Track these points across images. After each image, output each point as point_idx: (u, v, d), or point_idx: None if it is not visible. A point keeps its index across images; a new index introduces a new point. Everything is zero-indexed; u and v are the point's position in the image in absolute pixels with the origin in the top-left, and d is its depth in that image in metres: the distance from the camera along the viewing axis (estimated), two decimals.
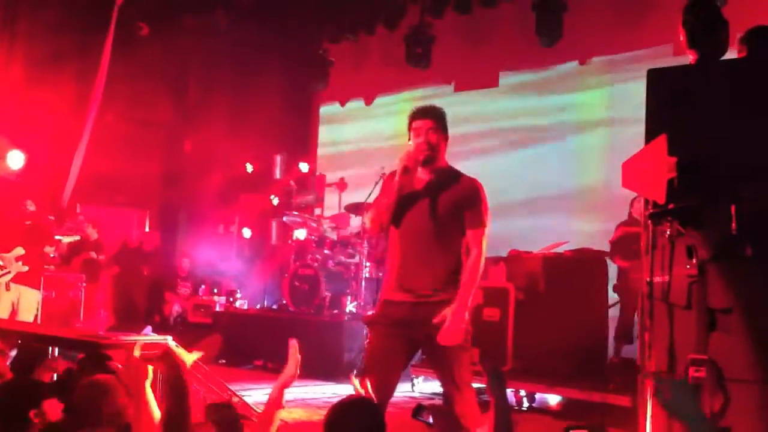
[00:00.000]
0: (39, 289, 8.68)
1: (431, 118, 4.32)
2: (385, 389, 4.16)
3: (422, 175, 4.29)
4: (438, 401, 7.29)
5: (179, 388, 3.25)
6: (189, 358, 3.57)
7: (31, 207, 8.70)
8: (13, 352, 5.58)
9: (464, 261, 4.24)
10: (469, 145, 12.01)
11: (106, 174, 12.61)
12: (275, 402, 3.57)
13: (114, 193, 13.65)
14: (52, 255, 9.07)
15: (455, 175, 4.31)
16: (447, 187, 4.22)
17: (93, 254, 11.32)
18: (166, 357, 3.39)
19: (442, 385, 4.24)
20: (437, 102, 4.60)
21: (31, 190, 9.13)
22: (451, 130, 4.40)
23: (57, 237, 9.41)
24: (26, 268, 8.37)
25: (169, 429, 3.20)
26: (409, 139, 4.35)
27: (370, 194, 10.67)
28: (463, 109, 11.85)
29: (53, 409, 3.96)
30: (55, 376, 5.21)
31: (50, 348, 6.00)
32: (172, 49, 12.77)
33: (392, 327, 4.21)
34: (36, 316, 8.68)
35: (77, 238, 10.37)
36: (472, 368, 4.25)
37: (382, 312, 4.33)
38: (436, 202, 4.17)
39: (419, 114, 4.36)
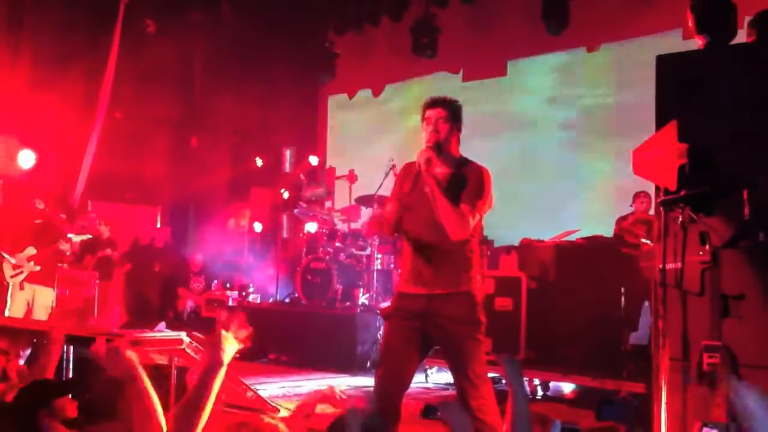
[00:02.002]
0: (53, 287, 8.72)
1: (442, 108, 4.29)
2: (401, 382, 4.20)
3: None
4: (450, 396, 7.33)
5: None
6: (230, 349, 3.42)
7: (40, 205, 8.73)
8: (28, 351, 5.61)
9: (477, 252, 4.23)
10: (479, 132, 12.01)
11: (116, 171, 12.65)
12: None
13: (124, 190, 13.69)
14: (67, 252, 9.11)
15: (465, 164, 4.28)
16: (457, 178, 4.19)
17: (108, 251, 11.37)
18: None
19: (456, 380, 4.18)
20: (446, 91, 4.59)
21: (41, 189, 9.17)
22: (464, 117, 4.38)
23: (69, 235, 9.45)
24: (38, 268, 8.41)
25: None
26: (423, 130, 4.33)
27: (380, 186, 10.67)
28: (472, 95, 11.83)
29: (66, 406, 3.97)
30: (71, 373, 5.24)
31: (65, 346, 6.03)
32: (179, 45, 12.78)
33: (407, 320, 4.20)
34: (50, 314, 8.72)
35: (89, 236, 10.41)
36: (486, 358, 4.22)
37: (397, 304, 4.32)
38: (447, 196, 4.11)
39: (431, 103, 4.33)
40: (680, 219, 3.58)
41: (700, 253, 3.52)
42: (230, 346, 3.30)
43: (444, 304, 4.12)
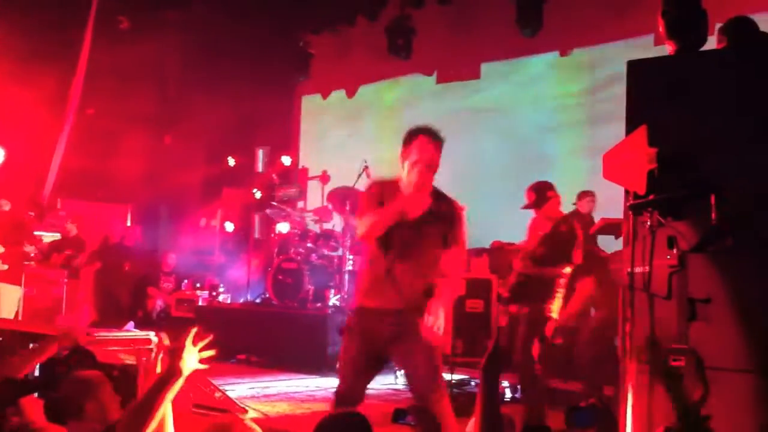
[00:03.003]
0: (20, 286, 8.63)
1: (438, 143, 4.42)
2: (356, 395, 4.34)
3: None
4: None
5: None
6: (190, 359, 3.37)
7: (6, 207, 8.64)
8: None
9: (436, 277, 4.36)
10: (452, 134, 12.04)
11: (87, 169, 12.54)
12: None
13: (95, 188, 13.58)
14: (32, 254, 9.02)
15: (442, 198, 4.46)
16: (435, 209, 4.36)
17: (70, 252, 11.26)
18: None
19: (415, 389, 4.29)
20: (420, 93, 4.65)
21: (11, 187, 9.08)
22: (436, 119, 4.43)
23: (37, 233, 9.37)
24: (5, 267, 8.31)
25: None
26: (408, 153, 4.40)
27: (353, 186, 10.67)
28: (445, 97, 11.84)
29: (33, 406, 3.93)
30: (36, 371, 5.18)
31: (31, 344, 5.96)
32: (153, 42, 12.68)
33: (366, 334, 4.33)
34: (17, 312, 8.63)
35: (58, 236, 10.31)
36: (455, 359, 4.30)
37: (356, 319, 4.43)
38: (424, 224, 4.30)
39: (427, 132, 4.43)
40: (648, 223, 3.60)
41: (668, 257, 3.54)
42: (191, 356, 3.26)
43: (404, 320, 4.27)
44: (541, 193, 6.34)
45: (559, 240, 6.24)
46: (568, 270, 6.26)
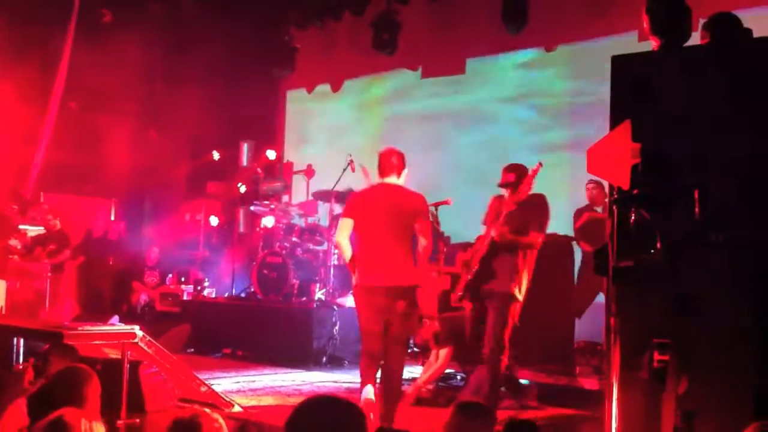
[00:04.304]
0: (4, 280, 8.59)
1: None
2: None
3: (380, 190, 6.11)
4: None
5: None
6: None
7: None
8: None
9: (412, 254, 6.01)
10: (438, 129, 12.08)
11: (71, 163, 12.48)
12: None
13: (79, 182, 13.51)
14: (18, 247, 8.98)
15: (405, 193, 6.05)
16: (401, 201, 5.98)
17: (52, 248, 11.22)
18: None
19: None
20: (404, 88, 4.68)
21: None
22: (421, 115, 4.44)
23: (21, 227, 9.32)
24: None
25: None
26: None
27: (338, 181, 10.67)
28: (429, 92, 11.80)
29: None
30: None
31: (15, 339, 5.95)
32: (137, 36, 12.61)
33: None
34: (1, 306, 8.59)
35: (41, 230, 10.26)
36: None
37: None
38: (395, 214, 5.93)
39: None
40: (633, 217, 3.63)
41: (652, 251, 3.57)
42: None
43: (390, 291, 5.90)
44: (522, 175, 6.36)
45: (531, 209, 6.27)
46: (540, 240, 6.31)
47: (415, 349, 8.27)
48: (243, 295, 11.68)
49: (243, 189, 13.04)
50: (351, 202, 6.27)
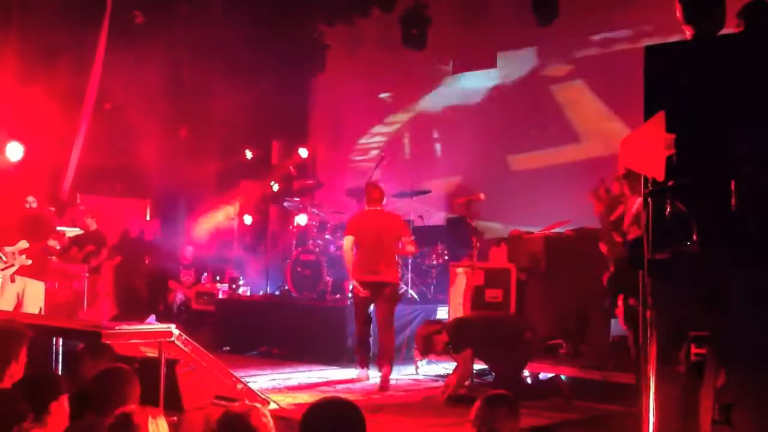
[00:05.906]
0: (44, 281, 8.68)
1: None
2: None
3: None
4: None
5: None
6: None
7: (33, 204, 8.71)
8: None
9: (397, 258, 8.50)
10: (468, 122, 12.07)
11: (105, 164, 12.61)
12: None
13: (114, 182, 13.63)
14: (57, 247, 9.07)
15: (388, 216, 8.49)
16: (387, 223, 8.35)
17: (90, 249, 11.35)
18: None
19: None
20: (435, 82, 4.65)
21: (31, 183, 9.13)
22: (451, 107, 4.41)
23: (60, 228, 9.41)
24: (29, 262, 8.35)
25: None
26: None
27: (370, 177, 10.67)
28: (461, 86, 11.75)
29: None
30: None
31: (54, 339, 6.02)
32: (168, 36, 12.71)
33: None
34: (41, 308, 8.68)
35: (79, 231, 10.37)
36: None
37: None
38: (382, 233, 8.21)
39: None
40: (668, 209, 3.58)
41: (688, 243, 3.52)
42: None
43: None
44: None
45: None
46: None
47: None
48: (277, 293, 11.73)
49: (276, 187, 13.09)
50: (351, 224, 8.61)
